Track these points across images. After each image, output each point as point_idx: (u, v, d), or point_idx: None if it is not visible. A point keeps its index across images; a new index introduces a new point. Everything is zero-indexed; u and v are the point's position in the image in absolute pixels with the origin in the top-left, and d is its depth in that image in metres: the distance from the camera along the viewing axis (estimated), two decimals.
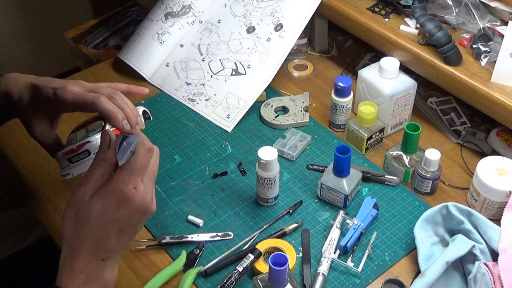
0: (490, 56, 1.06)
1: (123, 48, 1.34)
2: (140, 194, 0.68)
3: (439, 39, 1.06)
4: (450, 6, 1.13)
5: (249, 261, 0.90)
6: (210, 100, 1.23)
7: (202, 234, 0.98)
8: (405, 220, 1.00)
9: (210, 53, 1.28)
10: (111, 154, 0.69)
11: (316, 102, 1.25)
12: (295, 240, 0.97)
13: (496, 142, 1.10)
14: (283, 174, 1.08)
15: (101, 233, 0.68)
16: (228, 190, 1.06)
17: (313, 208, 1.03)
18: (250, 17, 1.28)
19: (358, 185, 1.04)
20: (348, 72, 1.33)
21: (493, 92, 1.01)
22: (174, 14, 1.32)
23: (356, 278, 0.91)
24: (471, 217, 0.92)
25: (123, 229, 0.69)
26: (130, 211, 0.68)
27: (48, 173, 1.09)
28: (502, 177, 0.96)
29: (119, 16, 1.84)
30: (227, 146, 1.15)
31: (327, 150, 1.14)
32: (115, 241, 0.69)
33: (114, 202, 0.67)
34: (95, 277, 0.68)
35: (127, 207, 0.67)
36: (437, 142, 1.15)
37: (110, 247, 0.69)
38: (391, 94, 1.10)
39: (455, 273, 0.90)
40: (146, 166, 0.69)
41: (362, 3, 1.23)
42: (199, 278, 0.92)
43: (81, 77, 1.32)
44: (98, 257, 0.68)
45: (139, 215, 0.69)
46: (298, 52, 1.38)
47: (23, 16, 2.07)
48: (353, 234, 0.94)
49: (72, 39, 1.77)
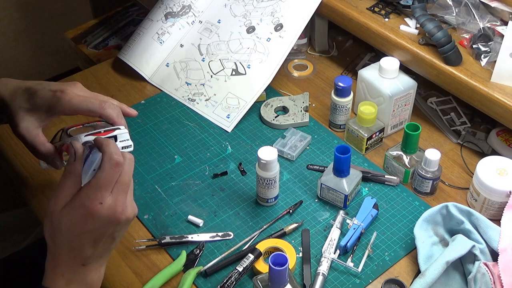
0: (490, 56, 1.06)
1: (123, 48, 1.34)
2: (106, 208, 0.69)
3: (439, 39, 1.06)
4: (450, 6, 1.13)
5: (249, 261, 0.90)
6: (210, 100, 1.23)
7: (202, 234, 0.98)
8: (405, 220, 1.00)
9: (210, 53, 1.28)
10: (78, 166, 0.71)
11: (316, 102, 1.25)
12: (295, 240, 0.97)
13: (496, 142, 1.10)
14: (283, 174, 1.08)
15: (74, 243, 0.70)
16: (228, 190, 1.06)
17: (313, 208, 1.03)
18: (250, 17, 1.28)
19: (358, 185, 1.04)
20: (348, 72, 1.33)
21: (493, 92, 1.01)
22: (174, 14, 1.32)
23: (356, 278, 0.91)
24: (471, 217, 0.92)
25: (96, 239, 0.70)
26: (98, 224, 0.69)
27: (48, 173, 1.09)
28: (502, 177, 0.96)
29: (119, 16, 1.84)
30: (227, 146, 1.15)
31: (327, 150, 1.14)
32: (91, 250, 0.71)
33: (81, 216, 0.68)
34: (77, 280, 0.71)
35: (95, 221, 0.69)
36: (437, 142, 1.15)
37: (87, 255, 0.71)
38: (391, 94, 1.10)
39: (455, 273, 0.90)
40: (112, 181, 0.70)
41: (362, 3, 1.23)
42: (199, 278, 0.92)
43: (81, 77, 1.32)
44: (77, 263, 0.71)
45: (110, 226, 0.70)
46: (298, 52, 1.38)
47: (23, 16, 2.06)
48: (353, 234, 0.94)
49: (72, 39, 1.77)
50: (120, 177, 0.70)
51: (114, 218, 0.70)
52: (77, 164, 0.71)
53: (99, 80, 1.32)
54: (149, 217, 1.01)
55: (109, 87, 1.30)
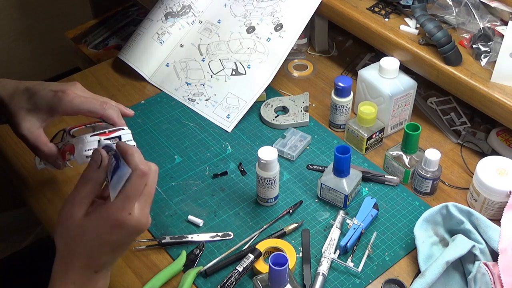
0: (490, 56, 1.06)
1: (123, 48, 1.34)
2: (134, 219, 0.68)
3: (439, 39, 1.06)
4: (450, 6, 1.13)
5: (249, 261, 0.90)
6: (210, 100, 1.23)
7: (202, 234, 0.98)
8: (405, 220, 1.00)
9: (210, 53, 1.28)
10: (101, 174, 0.69)
11: (316, 102, 1.25)
12: (295, 240, 0.97)
13: (496, 142, 1.10)
14: (283, 174, 1.08)
15: (94, 252, 0.69)
16: (228, 190, 1.06)
17: (313, 208, 1.03)
18: (250, 17, 1.28)
19: (358, 185, 1.04)
20: (348, 72, 1.33)
21: (493, 92, 1.01)
22: (174, 14, 1.32)
23: (356, 278, 0.91)
24: (471, 217, 0.92)
25: (117, 247, 0.70)
26: (124, 234, 0.68)
27: (48, 173, 1.09)
28: (502, 177, 0.96)
29: (119, 16, 1.84)
30: (227, 146, 1.15)
31: (327, 150, 1.14)
32: (109, 257, 0.70)
33: (108, 227, 0.67)
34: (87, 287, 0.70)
35: (122, 232, 0.68)
36: (437, 142, 1.15)
37: (103, 262, 0.70)
38: (391, 94, 1.10)
39: (455, 273, 0.90)
40: (139, 191, 0.68)
41: (362, 3, 1.23)
42: (199, 278, 0.92)
43: (81, 77, 1.32)
44: (91, 270, 0.70)
45: (134, 236, 0.70)
46: (298, 52, 1.38)
47: (23, 16, 2.06)
48: (353, 234, 0.94)
49: (72, 39, 1.77)
50: (146, 188, 0.69)
51: (139, 229, 0.69)
52: (101, 172, 0.69)
53: (99, 80, 1.32)
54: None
55: (109, 87, 1.30)
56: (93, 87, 1.28)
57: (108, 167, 0.70)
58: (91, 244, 0.68)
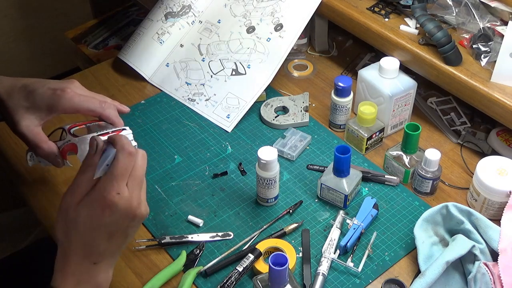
0: (490, 56, 1.06)
1: (123, 48, 1.34)
2: (124, 199, 0.68)
3: (439, 39, 1.06)
4: (450, 6, 1.13)
5: (249, 261, 0.90)
6: (210, 100, 1.23)
7: (202, 234, 0.98)
8: (405, 220, 1.00)
9: (210, 53, 1.28)
10: (96, 158, 0.71)
11: (316, 102, 1.25)
12: (295, 240, 0.97)
13: (496, 142, 1.10)
14: (283, 174, 1.08)
15: (89, 238, 0.69)
16: (228, 190, 1.06)
17: (313, 208, 1.03)
18: (250, 17, 1.28)
19: (358, 185, 1.04)
20: (348, 72, 1.33)
21: (493, 92, 1.01)
22: (174, 14, 1.32)
23: (356, 278, 0.91)
24: (471, 217, 0.92)
25: (111, 233, 0.70)
26: (115, 216, 0.69)
27: (48, 173, 1.09)
28: (502, 177, 0.96)
29: (119, 16, 1.84)
30: (227, 146, 1.15)
31: (327, 150, 1.14)
32: (105, 245, 0.70)
33: (98, 209, 0.68)
34: (87, 280, 0.70)
35: (112, 213, 0.68)
36: (437, 142, 1.15)
37: (100, 251, 0.70)
38: (391, 94, 1.10)
39: (455, 273, 0.90)
40: (127, 170, 0.69)
41: (362, 3, 1.23)
42: (199, 278, 0.92)
43: (81, 77, 1.32)
44: (89, 260, 0.70)
45: (126, 220, 0.70)
46: (298, 52, 1.38)
47: (23, 16, 2.06)
48: (353, 234, 0.94)
49: (72, 39, 1.77)
50: (134, 170, 0.70)
51: (130, 211, 0.69)
52: (96, 157, 0.71)
53: (99, 80, 1.32)
54: (149, 217, 1.01)
55: (109, 87, 1.30)
56: (93, 87, 1.28)
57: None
58: (83, 228, 0.68)
